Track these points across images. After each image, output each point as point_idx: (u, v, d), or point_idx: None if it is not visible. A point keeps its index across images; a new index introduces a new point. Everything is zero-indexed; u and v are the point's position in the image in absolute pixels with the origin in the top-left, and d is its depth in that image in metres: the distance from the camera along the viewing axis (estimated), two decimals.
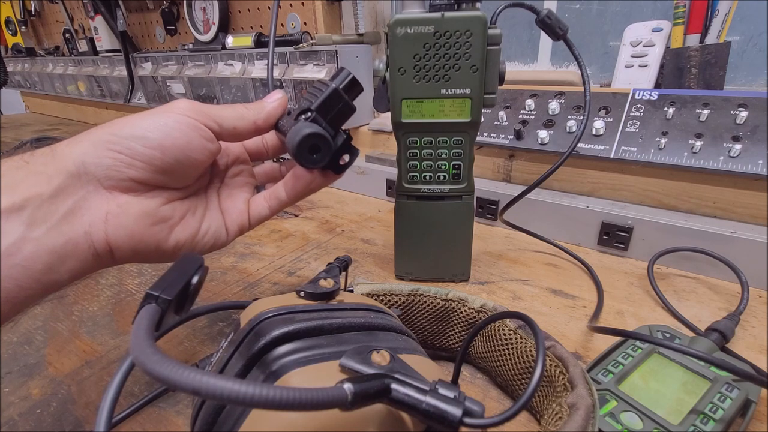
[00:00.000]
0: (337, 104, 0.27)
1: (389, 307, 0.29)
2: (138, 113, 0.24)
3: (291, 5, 0.75)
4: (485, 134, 0.55)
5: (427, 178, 0.38)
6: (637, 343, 0.30)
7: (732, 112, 0.42)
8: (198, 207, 0.28)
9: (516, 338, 0.28)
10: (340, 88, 0.27)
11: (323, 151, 0.26)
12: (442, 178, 0.38)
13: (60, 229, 0.21)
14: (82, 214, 0.22)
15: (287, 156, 0.33)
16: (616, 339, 0.31)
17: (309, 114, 0.27)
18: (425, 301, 0.31)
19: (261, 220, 0.31)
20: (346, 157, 0.30)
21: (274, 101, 0.28)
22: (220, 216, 0.29)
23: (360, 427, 0.16)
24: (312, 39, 0.70)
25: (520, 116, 0.53)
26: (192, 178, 0.27)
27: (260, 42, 0.76)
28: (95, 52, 1.13)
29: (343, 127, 0.29)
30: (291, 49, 0.69)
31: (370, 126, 0.69)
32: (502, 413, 0.15)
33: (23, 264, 0.20)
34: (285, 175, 0.32)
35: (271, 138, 0.32)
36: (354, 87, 0.28)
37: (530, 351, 0.26)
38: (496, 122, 0.54)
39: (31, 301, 0.21)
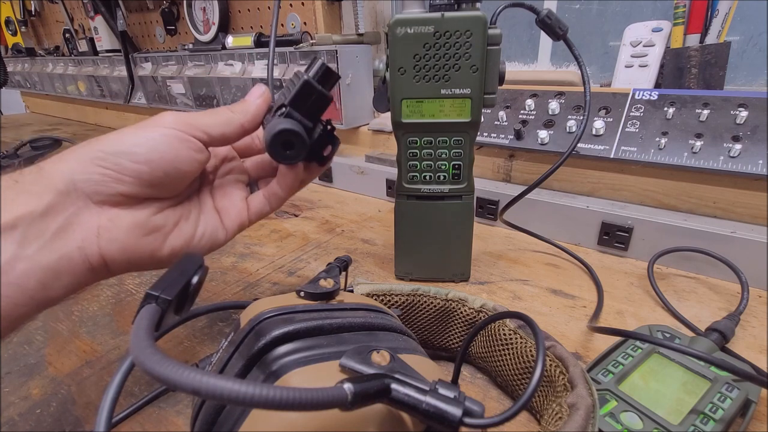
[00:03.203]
0: (311, 96, 0.26)
1: (389, 307, 0.29)
2: (124, 128, 0.24)
3: (291, 5, 0.75)
4: (485, 134, 0.55)
5: (427, 178, 0.38)
6: (637, 343, 0.30)
7: (732, 112, 0.42)
8: (191, 212, 0.28)
9: (516, 338, 0.28)
10: (312, 79, 0.26)
11: (297, 146, 0.26)
12: (442, 178, 0.38)
13: (53, 246, 0.21)
14: (73, 230, 0.22)
15: None
16: (616, 339, 0.31)
17: (283, 109, 0.26)
18: (425, 301, 0.31)
19: (262, 216, 0.31)
20: (329, 148, 0.30)
21: (257, 98, 0.28)
22: (216, 216, 0.29)
23: (360, 427, 0.16)
24: (312, 39, 0.70)
25: (520, 116, 0.53)
26: (182, 187, 0.27)
27: (260, 42, 0.76)
28: (95, 52, 1.13)
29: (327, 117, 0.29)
30: (291, 49, 0.69)
31: (370, 126, 0.69)
32: (502, 413, 0.15)
33: (17, 282, 0.20)
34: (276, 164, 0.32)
35: (261, 131, 0.32)
36: (328, 77, 0.27)
37: (530, 351, 0.26)
38: (496, 122, 0.54)
39: (27, 318, 0.21)
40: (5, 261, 0.20)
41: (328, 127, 0.29)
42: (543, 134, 0.50)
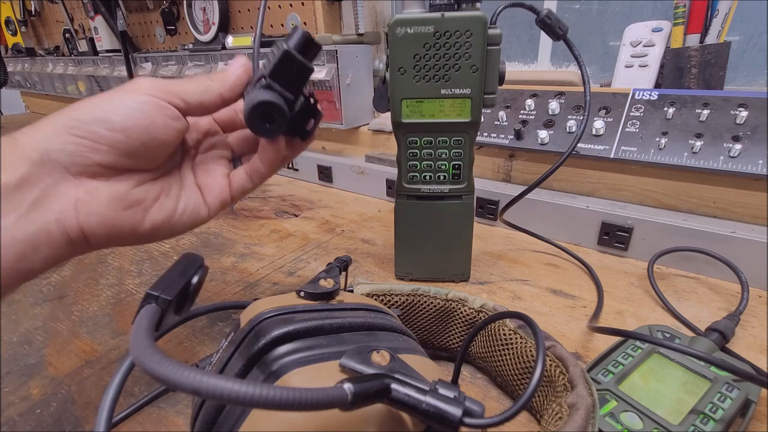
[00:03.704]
0: (291, 66, 0.25)
1: (389, 307, 0.29)
2: (99, 94, 0.23)
3: (291, 5, 0.75)
4: (485, 134, 0.55)
5: (427, 178, 0.38)
6: (637, 343, 0.30)
7: (732, 112, 0.42)
8: (172, 186, 0.27)
9: (516, 338, 0.28)
10: (292, 49, 0.25)
11: (277, 119, 0.25)
12: (442, 178, 0.38)
13: (29, 218, 0.21)
14: (50, 202, 0.22)
15: None
16: (616, 339, 0.31)
17: (262, 81, 0.25)
18: (425, 301, 0.31)
19: (245, 192, 0.31)
20: (312, 122, 0.29)
21: (237, 68, 0.27)
22: (198, 193, 0.29)
23: (360, 427, 0.16)
24: None
25: (520, 116, 0.53)
26: (161, 158, 0.26)
27: (261, 42, 0.76)
28: (95, 52, 1.13)
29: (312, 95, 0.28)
30: None
31: (370, 126, 0.69)
32: (502, 413, 0.15)
33: None
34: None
35: (242, 106, 0.31)
36: (309, 46, 0.26)
37: (530, 351, 0.26)
38: (496, 122, 0.54)
39: (8, 290, 0.21)
40: None
41: (311, 99, 0.28)
42: (543, 134, 0.50)
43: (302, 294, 0.22)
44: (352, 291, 0.30)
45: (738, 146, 0.40)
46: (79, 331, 0.37)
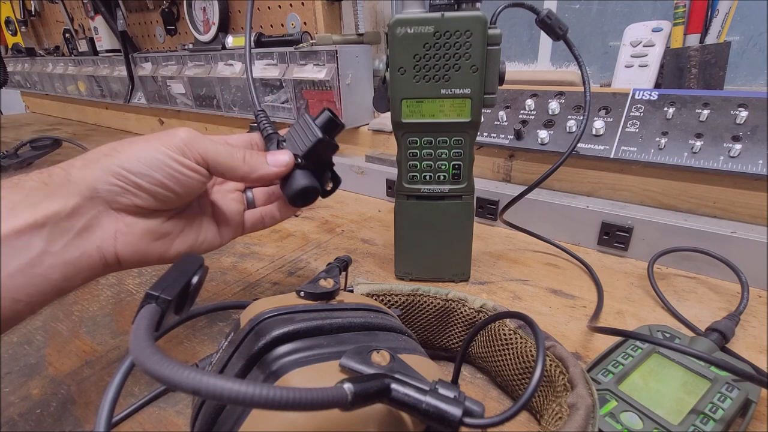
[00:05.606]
0: (322, 148, 0.31)
1: (389, 307, 0.29)
2: (142, 144, 0.26)
3: (291, 5, 0.75)
4: (485, 134, 0.55)
5: (427, 178, 0.38)
6: (637, 343, 0.30)
7: (732, 112, 0.42)
8: (195, 221, 0.31)
9: (516, 338, 0.28)
10: (322, 133, 0.30)
11: (312, 195, 0.31)
12: (442, 178, 0.38)
13: (75, 244, 0.24)
14: (94, 230, 0.25)
15: None
16: (616, 339, 0.31)
17: (299, 162, 0.30)
18: (425, 301, 0.31)
19: (255, 230, 0.35)
20: (331, 185, 0.34)
21: (275, 167, 0.30)
22: (215, 226, 0.32)
23: (360, 427, 0.16)
24: (312, 39, 0.70)
25: (520, 116, 0.53)
26: (189, 202, 0.30)
27: (260, 42, 0.76)
28: (95, 52, 1.13)
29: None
30: (291, 49, 0.69)
31: (370, 126, 0.69)
32: (502, 413, 0.15)
33: (44, 274, 0.22)
34: None
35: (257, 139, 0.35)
36: (334, 127, 0.31)
37: (530, 351, 0.26)
38: (496, 122, 0.54)
39: (46, 303, 0.24)
40: (35, 255, 0.22)
41: (334, 167, 0.33)
42: (543, 134, 0.50)
43: (302, 294, 0.22)
44: (352, 291, 0.30)
45: (738, 146, 0.40)
46: (79, 331, 0.37)
